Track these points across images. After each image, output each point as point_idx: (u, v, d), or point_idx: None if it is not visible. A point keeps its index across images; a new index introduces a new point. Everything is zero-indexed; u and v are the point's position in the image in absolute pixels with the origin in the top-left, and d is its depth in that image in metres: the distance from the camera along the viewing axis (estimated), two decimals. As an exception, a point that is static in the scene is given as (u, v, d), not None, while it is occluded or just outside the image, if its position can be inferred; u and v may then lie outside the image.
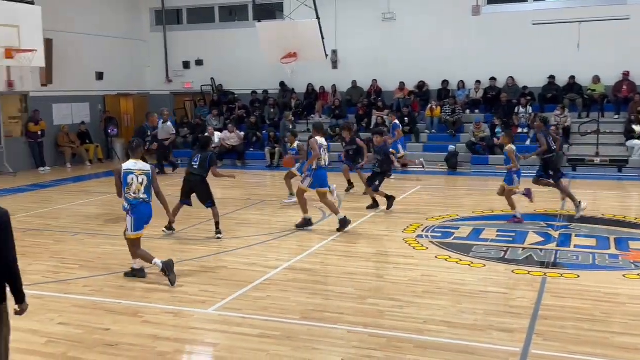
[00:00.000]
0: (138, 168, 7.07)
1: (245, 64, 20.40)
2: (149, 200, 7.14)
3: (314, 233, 9.59)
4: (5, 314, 4.04)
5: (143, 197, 7.06)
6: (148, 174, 7.11)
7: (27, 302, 4.14)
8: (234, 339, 5.49)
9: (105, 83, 20.48)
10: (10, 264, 3.95)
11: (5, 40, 12.41)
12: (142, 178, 7.06)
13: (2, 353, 4.07)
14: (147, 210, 7.16)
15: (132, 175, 7.02)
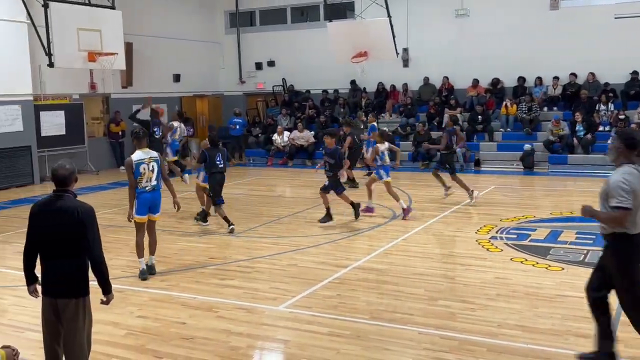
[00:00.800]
0: (148, 157, 7.31)
1: (316, 64, 20.54)
2: (158, 187, 7.43)
3: (383, 233, 9.53)
4: (88, 307, 4.25)
5: (154, 184, 7.33)
6: (157, 160, 7.39)
7: (113, 294, 4.34)
8: (304, 336, 5.54)
9: (182, 85, 21.16)
10: (97, 258, 4.17)
11: (89, 44, 13.04)
12: (153, 165, 7.31)
13: (84, 343, 4.29)
14: (153, 196, 7.37)
15: (144, 164, 7.25)
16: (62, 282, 4.14)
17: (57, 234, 4.12)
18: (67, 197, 4.19)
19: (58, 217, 4.11)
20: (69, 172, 4.23)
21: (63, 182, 4.21)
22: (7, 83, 14.81)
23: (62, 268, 4.14)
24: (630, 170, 4.49)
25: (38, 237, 4.19)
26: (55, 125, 16.45)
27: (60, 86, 16.79)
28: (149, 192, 7.32)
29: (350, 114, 19.40)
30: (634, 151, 4.56)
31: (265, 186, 15.06)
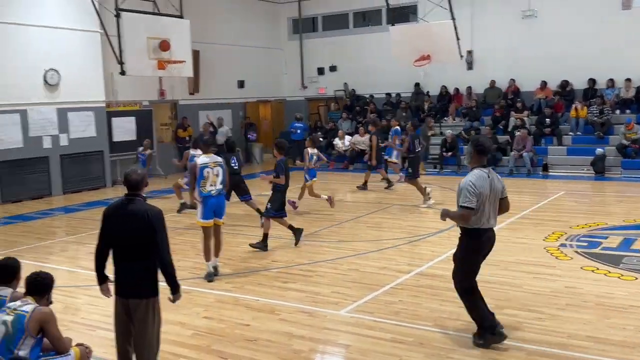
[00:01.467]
0: (212, 161, 7.46)
1: (378, 68, 20.49)
2: (222, 192, 7.57)
3: (447, 239, 9.37)
4: (157, 307, 4.40)
5: (219, 188, 7.45)
6: (221, 165, 7.52)
7: (180, 293, 4.48)
8: (366, 341, 5.52)
9: (246, 90, 21.57)
10: (165, 259, 4.32)
11: (158, 52, 13.48)
12: (217, 170, 7.45)
13: (154, 342, 4.43)
14: (218, 201, 7.50)
15: (208, 168, 7.38)
16: (133, 283, 4.31)
17: (129, 237, 4.28)
18: (138, 200, 4.36)
19: (129, 220, 4.28)
20: (140, 176, 4.41)
21: (135, 186, 4.39)
22: (81, 91, 15.52)
23: (134, 269, 4.30)
24: (479, 174, 5.16)
25: (110, 239, 4.37)
26: (126, 131, 17.11)
27: (131, 93, 17.46)
28: (214, 196, 7.45)
29: (413, 117, 19.22)
30: (484, 156, 5.23)
31: (326, 190, 15.09)
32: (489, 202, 5.16)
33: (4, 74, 13.85)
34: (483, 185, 5.11)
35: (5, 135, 14.11)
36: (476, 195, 5.06)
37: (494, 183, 5.21)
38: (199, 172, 7.43)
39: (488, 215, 5.18)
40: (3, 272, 4.39)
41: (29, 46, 14.31)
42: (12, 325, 3.91)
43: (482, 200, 5.10)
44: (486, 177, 5.15)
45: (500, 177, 5.40)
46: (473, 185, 5.08)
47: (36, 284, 4.18)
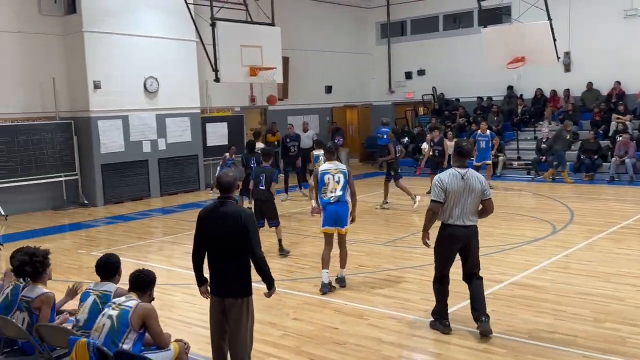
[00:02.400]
0: (334, 167, 7.30)
1: (468, 71, 20.05)
2: (343, 199, 7.25)
3: (541, 248, 9.00)
4: (251, 306, 4.51)
5: (338, 194, 7.20)
6: (344, 172, 7.29)
7: (275, 287, 4.66)
8: (458, 351, 5.40)
9: (333, 96, 21.76)
10: (259, 257, 4.47)
11: (251, 59, 13.84)
12: (339, 176, 7.25)
13: (247, 341, 4.55)
14: (336, 209, 7.21)
15: (329, 174, 7.26)
16: (228, 283, 4.45)
17: (222, 239, 4.42)
18: (230, 202, 4.49)
19: (222, 222, 4.41)
20: (232, 179, 4.57)
21: (227, 188, 4.54)
22: (178, 97, 16.23)
23: (228, 270, 4.44)
24: (452, 172, 5.65)
25: (205, 240, 4.53)
26: (219, 136, 17.70)
27: (224, 99, 18.08)
28: (333, 203, 7.23)
29: (506, 121, 18.66)
30: (463, 158, 5.70)
31: (414, 196, 14.92)
32: (459, 200, 5.55)
33: (109, 82, 14.72)
34: (452, 182, 5.55)
35: (109, 139, 14.99)
36: (443, 190, 5.55)
37: (471, 183, 5.57)
38: (320, 179, 7.32)
39: (454, 212, 5.59)
40: (105, 268, 4.65)
41: (131, 55, 15.15)
42: (117, 319, 4.13)
43: (450, 197, 5.54)
44: (459, 176, 5.57)
45: (482, 179, 5.70)
46: (440, 181, 5.59)
47: (139, 281, 4.40)
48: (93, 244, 10.92)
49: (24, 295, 4.62)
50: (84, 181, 14.97)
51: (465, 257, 5.84)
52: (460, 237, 5.70)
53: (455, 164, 5.72)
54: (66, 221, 13.15)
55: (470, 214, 5.65)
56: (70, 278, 8.21)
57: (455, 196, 5.56)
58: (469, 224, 5.67)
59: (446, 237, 5.72)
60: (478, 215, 5.76)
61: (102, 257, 4.72)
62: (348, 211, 7.32)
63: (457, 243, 5.74)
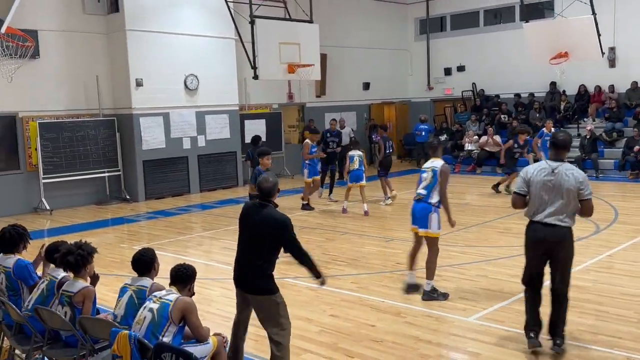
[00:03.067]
0: (429, 165, 6.84)
1: (509, 67, 19.69)
2: (426, 199, 6.74)
3: (584, 248, 8.79)
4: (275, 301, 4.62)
5: (422, 193, 6.77)
6: (435, 170, 6.73)
7: (323, 277, 4.79)
8: (497, 351, 5.32)
9: (371, 92, 21.67)
10: (299, 253, 4.65)
11: (289, 56, 13.91)
12: (427, 175, 6.78)
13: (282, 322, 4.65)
14: (416, 208, 6.84)
15: (425, 172, 6.85)
16: (252, 279, 4.61)
17: (255, 238, 4.60)
18: (270, 207, 4.66)
19: (259, 224, 4.59)
20: (272, 184, 4.75)
21: (268, 194, 4.71)
22: (217, 95, 16.42)
23: (253, 268, 4.60)
24: (541, 165, 5.20)
25: (240, 236, 4.71)
26: (257, 133, 17.78)
27: (262, 97, 18.21)
28: (415, 201, 6.92)
29: (547, 117, 18.25)
30: (559, 150, 5.14)
31: (452, 193, 14.65)
32: (543, 195, 5.05)
33: (150, 80, 14.99)
34: (538, 175, 5.08)
35: (150, 136, 15.27)
36: (525, 182, 5.16)
37: (561, 179, 4.99)
38: (420, 175, 6.96)
39: (536, 208, 5.12)
40: (140, 264, 4.71)
41: (172, 53, 15.38)
42: (157, 312, 4.20)
43: (533, 191, 5.11)
44: (549, 170, 5.05)
45: (580, 176, 5.01)
46: (525, 172, 5.23)
47: (180, 275, 4.47)
48: (135, 238, 11.16)
49: (65, 290, 4.73)
50: (126, 177, 15.29)
51: (552, 267, 5.23)
52: (543, 238, 5.10)
53: (552, 157, 5.16)
54: (109, 216, 13.47)
55: (558, 213, 5.01)
56: (112, 272, 8.42)
57: (538, 190, 5.05)
58: (555, 224, 5.03)
59: (528, 234, 5.27)
60: (572, 217, 5.10)
61: (136, 253, 4.76)
62: (428, 212, 6.68)
63: (540, 243, 5.16)
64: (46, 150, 13.80)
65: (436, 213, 6.70)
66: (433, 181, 6.71)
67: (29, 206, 13.88)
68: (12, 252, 5.34)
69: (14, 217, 12.18)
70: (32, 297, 4.97)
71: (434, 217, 6.69)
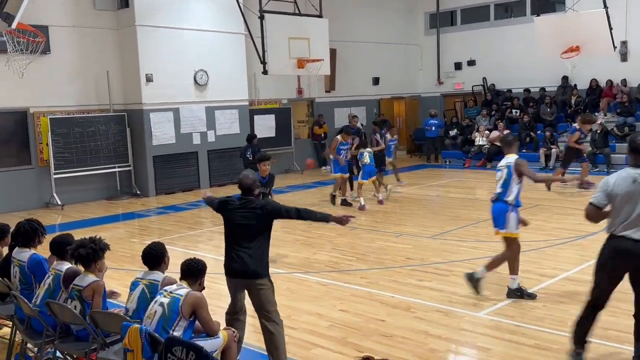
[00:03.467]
0: (503, 162, 6.61)
1: (520, 62, 19.56)
2: (501, 197, 6.54)
3: (597, 242, 8.70)
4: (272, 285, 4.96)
5: (498, 192, 6.59)
6: (509, 166, 6.50)
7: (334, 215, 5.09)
8: (507, 346, 5.30)
9: (381, 87, 21.61)
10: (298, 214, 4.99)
11: (298, 52, 13.92)
12: (502, 173, 6.58)
13: (273, 300, 4.97)
14: (493, 208, 6.63)
15: (500, 171, 6.65)
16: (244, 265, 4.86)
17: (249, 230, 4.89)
18: (252, 199, 4.99)
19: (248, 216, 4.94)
20: (252, 180, 5.08)
21: (249, 189, 5.06)
22: (227, 90, 16.44)
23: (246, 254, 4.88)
24: (622, 173, 4.61)
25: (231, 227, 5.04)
26: (267, 128, 17.85)
27: (271, 92, 18.23)
28: (491, 200, 6.76)
29: (559, 113, 18.16)
30: (636, 155, 4.58)
31: (462, 188, 14.74)
32: (628, 207, 4.49)
33: (160, 75, 15.04)
34: (620, 185, 4.53)
35: (160, 131, 15.33)
36: (604, 193, 4.59)
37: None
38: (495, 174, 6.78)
39: (620, 221, 4.55)
40: (150, 258, 4.72)
41: (182, 49, 15.42)
42: (168, 307, 4.22)
43: (616, 202, 4.55)
44: (631, 178, 4.51)
45: None
46: (606, 182, 4.64)
47: (190, 270, 4.48)
48: (145, 233, 11.21)
49: (75, 284, 4.76)
50: (137, 172, 15.37)
51: (636, 285, 4.70)
52: (628, 254, 4.56)
53: (631, 163, 4.63)
54: (120, 211, 13.55)
55: None
56: (124, 266, 8.47)
57: (622, 201, 4.52)
58: None
59: (608, 250, 4.67)
60: None
61: (146, 247, 4.77)
62: (504, 212, 6.46)
63: (623, 260, 4.60)
64: (57, 146, 13.89)
65: (514, 212, 6.44)
66: (508, 177, 6.45)
67: (41, 201, 13.99)
68: (27, 246, 5.41)
69: (26, 212, 12.27)
70: (40, 293, 5.00)
71: (512, 216, 6.45)
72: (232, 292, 5.08)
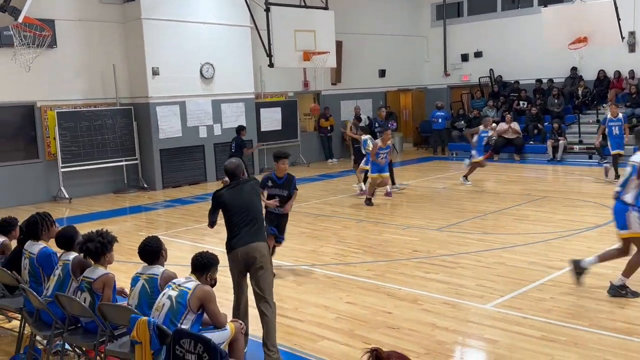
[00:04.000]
0: (632, 160, 6.12)
1: (528, 53, 19.44)
2: (620, 194, 6.12)
3: (605, 234, 8.70)
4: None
5: (617, 189, 6.21)
6: (634, 166, 6.04)
7: None
8: (515, 338, 5.29)
9: (387, 79, 21.53)
10: None
11: (304, 44, 13.86)
12: (627, 169, 6.15)
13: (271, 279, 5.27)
14: (614, 207, 6.24)
15: (628, 166, 6.19)
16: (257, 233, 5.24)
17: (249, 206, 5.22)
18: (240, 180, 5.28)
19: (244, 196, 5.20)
20: (235, 164, 5.31)
21: (233, 173, 5.28)
22: (233, 83, 16.43)
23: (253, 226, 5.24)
24: None
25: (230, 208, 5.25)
26: (273, 121, 17.85)
27: (277, 85, 18.20)
28: (614, 198, 6.27)
29: (566, 104, 18.04)
30: None
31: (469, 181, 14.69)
32: None
33: (167, 69, 15.04)
34: None
35: (167, 125, 15.35)
36: None
37: None
38: None
39: None
40: (145, 253, 4.72)
41: (188, 42, 15.40)
42: (176, 300, 4.23)
43: None
44: None
45: None
46: None
47: (198, 263, 4.50)
48: (152, 226, 11.25)
49: (85, 276, 4.79)
50: (144, 165, 15.40)
51: None
52: None
53: None
54: (127, 204, 13.60)
55: None
56: (131, 259, 8.49)
57: None
58: None
59: None
60: None
61: (141, 243, 4.74)
62: (624, 212, 6.06)
63: None
64: (64, 139, 13.93)
65: (634, 212, 5.98)
66: (628, 176, 6.05)
67: (49, 195, 14.05)
68: (37, 238, 5.48)
69: (34, 206, 12.33)
70: (50, 285, 5.04)
71: (632, 216, 6.00)
72: (236, 279, 5.29)
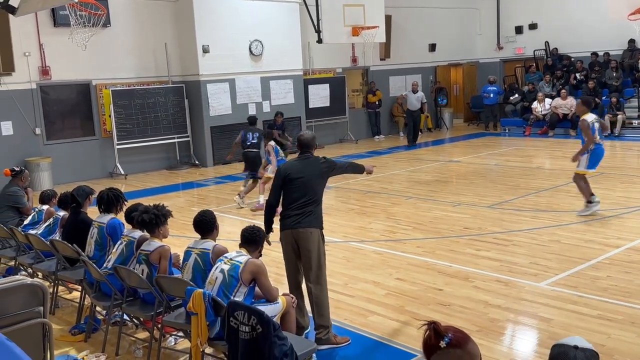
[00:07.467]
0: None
1: (585, 24, 18.68)
2: None
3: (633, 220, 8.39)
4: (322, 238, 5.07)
5: None
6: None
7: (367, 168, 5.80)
8: (569, 316, 5.19)
9: (437, 54, 21.10)
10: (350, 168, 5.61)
11: (353, 19, 13.74)
12: None
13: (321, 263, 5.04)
14: None
15: None
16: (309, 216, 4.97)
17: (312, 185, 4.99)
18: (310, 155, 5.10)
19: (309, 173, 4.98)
20: (311, 136, 5.18)
21: (307, 145, 5.10)
22: (281, 60, 16.43)
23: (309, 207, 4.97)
24: None
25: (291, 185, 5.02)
26: (321, 98, 17.81)
27: (325, 61, 18.11)
28: None
29: (625, 78, 17.31)
30: None
31: (522, 157, 14.36)
32: None
33: (217, 46, 15.16)
34: None
35: (217, 102, 15.53)
36: None
37: None
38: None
39: None
40: (201, 225, 4.81)
41: (237, 19, 15.45)
42: (228, 274, 4.33)
43: None
44: None
45: None
46: None
47: (249, 237, 4.57)
48: (204, 202, 11.47)
49: (142, 249, 4.95)
50: (195, 142, 15.67)
51: None
52: None
53: None
54: (179, 180, 13.90)
55: None
56: (185, 234, 8.71)
57: None
58: None
59: None
60: None
61: (197, 215, 4.83)
62: None
63: None
64: (119, 117, 14.29)
65: None
66: None
67: (105, 171, 14.50)
68: (109, 212, 5.76)
69: (91, 182, 12.72)
70: (112, 258, 5.23)
71: None
72: (286, 256, 5.12)
